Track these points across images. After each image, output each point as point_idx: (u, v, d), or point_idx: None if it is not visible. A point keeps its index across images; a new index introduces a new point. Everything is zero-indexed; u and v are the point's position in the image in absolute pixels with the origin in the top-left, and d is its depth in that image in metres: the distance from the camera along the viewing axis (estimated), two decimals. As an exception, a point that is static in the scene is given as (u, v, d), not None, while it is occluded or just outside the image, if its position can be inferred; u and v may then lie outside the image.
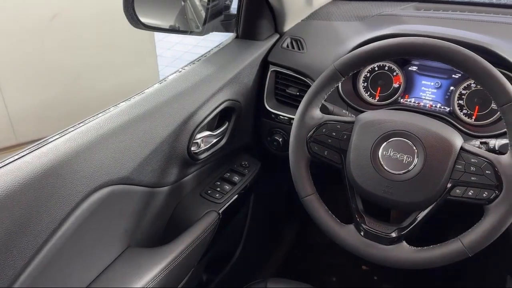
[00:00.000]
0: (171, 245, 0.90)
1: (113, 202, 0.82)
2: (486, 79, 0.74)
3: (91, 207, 0.76)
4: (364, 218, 0.84)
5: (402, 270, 1.59)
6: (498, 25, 1.06)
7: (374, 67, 1.10)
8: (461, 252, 0.75)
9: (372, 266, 1.66)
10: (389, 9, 1.20)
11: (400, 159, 0.79)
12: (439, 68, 1.05)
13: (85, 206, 0.75)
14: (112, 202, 0.81)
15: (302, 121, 0.87)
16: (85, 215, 0.75)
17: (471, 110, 1.01)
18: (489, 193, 0.74)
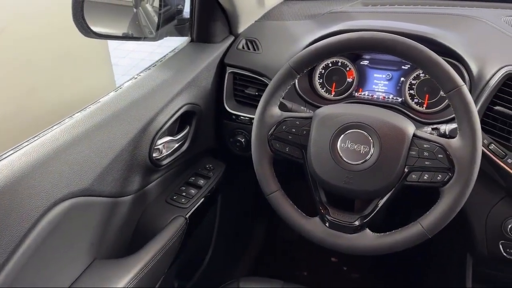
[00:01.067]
0: (138, 254, 0.89)
1: (76, 215, 0.80)
2: (432, 68, 0.78)
3: (53, 221, 0.74)
4: (328, 210, 0.86)
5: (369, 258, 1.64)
6: (442, 16, 1.11)
7: (328, 63, 1.13)
8: (422, 234, 0.78)
9: (341, 257, 1.70)
10: (338, 7, 1.24)
11: (357, 150, 0.82)
12: (389, 61, 1.09)
13: (45, 222, 0.73)
14: (74, 215, 0.79)
15: (262, 120, 0.89)
16: (46, 230, 0.73)
17: (422, 99, 1.06)
18: (442, 175, 0.78)
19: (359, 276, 1.66)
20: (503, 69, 0.89)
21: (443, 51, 0.96)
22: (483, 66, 0.94)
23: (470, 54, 0.96)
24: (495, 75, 0.90)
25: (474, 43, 0.99)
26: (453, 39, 1.00)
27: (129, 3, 1.13)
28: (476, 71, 0.94)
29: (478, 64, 0.95)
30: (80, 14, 0.96)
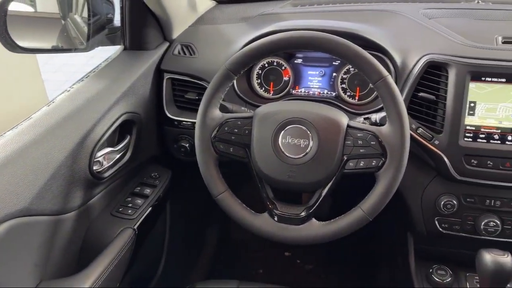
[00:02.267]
0: (87, 271, 0.86)
1: (16, 237, 0.76)
2: (358, 62, 0.83)
3: None
4: (276, 205, 0.88)
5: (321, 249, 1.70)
6: (366, 12, 1.18)
7: (264, 64, 1.17)
8: (363, 218, 0.83)
9: (294, 251, 1.75)
10: (269, 9, 1.27)
11: (298, 144, 0.85)
12: (321, 58, 1.14)
13: None
14: (14, 237, 0.75)
15: (204, 123, 0.89)
16: None
17: (353, 91, 1.12)
18: (377, 161, 0.83)
19: (312, 267, 1.72)
20: (424, 57, 0.97)
21: (368, 45, 1.02)
22: (406, 56, 1.01)
23: (393, 46, 1.03)
24: (417, 64, 0.97)
25: (397, 36, 1.06)
26: (377, 33, 1.06)
27: (57, 14, 1.10)
28: (400, 62, 1.01)
29: (401, 55, 1.02)
30: (3, 28, 0.92)
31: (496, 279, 0.85)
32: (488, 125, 0.93)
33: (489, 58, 0.92)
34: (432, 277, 1.08)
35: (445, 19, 1.08)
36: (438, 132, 0.95)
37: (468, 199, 1.00)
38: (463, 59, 0.93)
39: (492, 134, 0.93)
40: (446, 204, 1.00)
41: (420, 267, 1.12)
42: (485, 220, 0.99)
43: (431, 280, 1.08)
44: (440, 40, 1.00)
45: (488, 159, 0.93)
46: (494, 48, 0.95)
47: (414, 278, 1.10)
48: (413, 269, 1.12)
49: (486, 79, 0.92)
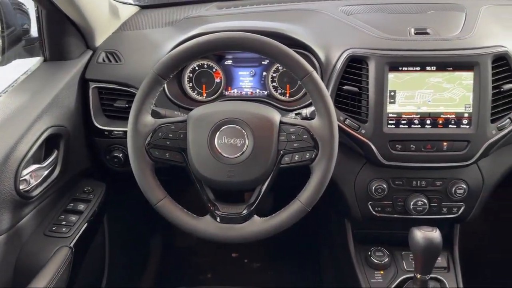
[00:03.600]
0: None
1: None
2: (284, 60, 0.86)
3: None
4: (217, 206, 0.89)
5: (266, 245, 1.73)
6: (289, 12, 1.22)
7: (194, 67, 1.16)
8: (302, 209, 0.86)
9: (241, 251, 1.76)
10: (195, 12, 1.27)
11: (234, 144, 0.86)
12: (250, 58, 1.16)
13: None
14: None
15: (136, 130, 0.87)
16: None
17: (284, 89, 1.15)
18: (310, 153, 0.86)
19: (260, 265, 1.74)
20: (345, 52, 1.02)
21: (293, 43, 1.06)
22: (329, 52, 1.06)
23: (316, 43, 1.08)
24: (339, 59, 1.02)
25: (319, 33, 1.11)
26: (301, 32, 1.10)
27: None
28: (324, 58, 1.06)
29: (324, 51, 1.06)
30: None
31: (428, 253, 0.92)
32: (408, 112, 1.00)
33: (403, 49, 0.99)
34: (370, 259, 1.14)
35: (362, 15, 1.15)
36: (363, 121, 1.01)
37: (396, 182, 1.07)
38: (380, 51, 0.99)
39: (412, 119, 1.00)
40: (377, 188, 1.06)
41: (359, 251, 1.18)
42: (413, 200, 1.06)
43: (370, 262, 1.14)
44: (359, 35, 1.06)
45: (411, 143, 1.00)
46: (408, 39, 1.02)
47: (354, 261, 1.16)
48: (352, 253, 1.17)
49: (403, 68, 0.99)
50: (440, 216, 1.08)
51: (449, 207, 1.07)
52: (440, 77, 0.99)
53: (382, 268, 1.13)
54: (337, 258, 1.34)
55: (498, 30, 1.06)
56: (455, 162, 1.00)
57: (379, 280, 1.12)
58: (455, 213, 1.08)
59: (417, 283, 0.97)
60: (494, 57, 0.97)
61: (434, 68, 0.98)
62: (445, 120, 0.99)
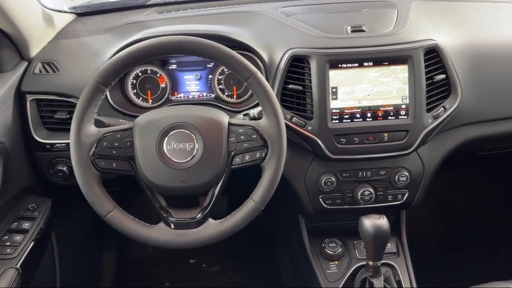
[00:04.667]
0: None
1: None
2: (228, 62, 0.87)
3: None
4: (170, 212, 0.88)
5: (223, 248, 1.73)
6: (230, 14, 1.23)
7: (137, 73, 1.14)
8: (255, 208, 0.87)
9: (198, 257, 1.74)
10: (134, 17, 1.25)
11: (183, 148, 0.86)
12: (194, 62, 1.16)
13: None
14: None
15: (79, 141, 0.84)
16: None
17: (231, 91, 1.16)
18: (260, 153, 0.87)
19: (219, 268, 1.73)
20: (287, 52, 1.04)
21: (236, 45, 1.07)
22: (272, 53, 1.08)
23: (259, 44, 1.09)
24: (282, 59, 1.05)
25: (261, 34, 1.13)
26: (243, 34, 1.12)
27: None
28: (267, 58, 1.08)
29: (267, 52, 1.08)
30: None
31: (377, 240, 0.96)
32: (350, 106, 1.04)
33: (341, 46, 1.03)
34: (325, 250, 1.18)
35: (301, 15, 1.18)
36: (309, 118, 1.04)
37: (344, 174, 1.11)
38: (320, 50, 1.03)
39: (354, 113, 1.05)
40: (327, 182, 1.10)
41: (313, 244, 1.21)
42: (361, 190, 1.10)
43: (324, 254, 1.18)
44: (299, 35, 1.09)
45: (354, 136, 1.04)
46: (345, 37, 1.07)
47: (309, 254, 1.18)
48: (307, 247, 1.20)
49: (342, 65, 1.03)
50: (387, 203, 1.13)
51: (394, 195, 1.13)
52: (377, 71, 1.04)
53: (336, 258, 1.17)
54: (293, 252, 1.37)
55: (428, 25, 1.13)
56: (396, 151, 1.06)
57: (334, 270, 1.15)
58: (400, 199, 1.13)
59: (370, 270, 1.01)
60: (425, 50, 1.03)
61: (371, 63, 1.03)
62: (384, 112, 1.05)
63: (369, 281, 1.02)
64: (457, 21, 1.19)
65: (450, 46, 1.08)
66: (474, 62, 1.11)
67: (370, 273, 1.01)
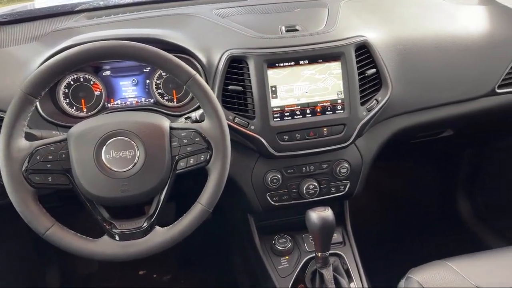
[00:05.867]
0: None
1: None
2: (166, 65, 0.86)
3: None
4: (114, 224, 0.85)
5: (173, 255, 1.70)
6: (164, 17, 1.21)
7: (69, 81, 1.09)
8: (203, 211, 0.86)
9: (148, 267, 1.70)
10: (62, 24, 1.19)
11: (124, 157, 0.83)
12: (130, 67, 1.13)
13: None
14: None
15: (10, 157, 0.79)
16: None
17: (170, 95, 1.14)
18: (205, 155, 0.87)
19: (170, 276, 1.70)
20: (225, 54, 1.05)
21: (173, 48, 1.05)
22: (209, 55, 1.08)
23: (196, 46, 1.09)
24: (220, 60, 1.05)
25: (197, 37, 1.12)
26: (179, 36, 1.10)
27: None
28: (206, 60, 1.07)
29: (205, 54, 1.08)
30: None
31: (324, 231, 0.99)
32: (289, 104, 1.07)
33: (277, 46, 1.06)
34: (275, 247, 1.20)
35: (236, 16, 1.19)
36: (251, 118, 1.05)
37: (289, 171, 1.13)
38: (257, 50, 1.04)
39: (294, 111, 1.07)
40: (272, 179, 1.11)
41: (264, 242, 1.22)
42: (305, 185, 1.13)
43: (275, 250, 1.20)
44: (236, 36, 1.10)
45: (296, 132, 1.07)
46: (280, 37, 1.09)
47: (260, 252, 1.20)
48: (258, 245, 1.21)
49: (280, 64, 1.05)
50: (330, 195, 1.17)
51: (336, 186, 1.17)
52: (313, 69, 1.07)
53: (286, 253, 1.19)
54: (244, 252, 1.37)
55: (357, 22, 1.18)
56: (336, 144, 1.10)
57: (286, 265, 1.18)
58: (342, 191, 1.18)
59: (319, 261, 1.04)
60: (356, 46, 1.08)
61: (306, 61, 1.06)
62: (322, 108, 1.08)
63: (319, 272, 1.05)
64: (384, 18, 1.26)
65: (378, 41, 1.14)
66: (401, 56, 1.18)
67: (319, 264, 1.05)
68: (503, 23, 1.34)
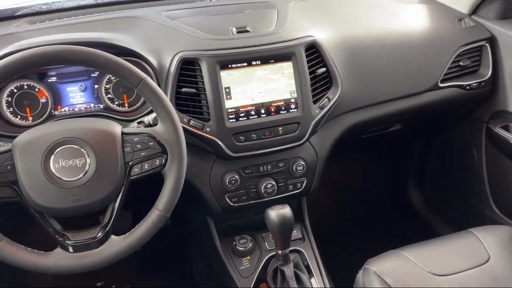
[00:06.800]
0: None
1: None
2: (115, 69, 0.84)
3: None
4: (67, 235, 0.82)
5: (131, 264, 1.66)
6: (112, 20, 1.18)
7: (12, 89, 1.03)
8: (161, 216, 0.85)
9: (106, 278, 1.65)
10: (2, 30, 1.13)
11: (74, 165, 0.81)
12: (76, 72, 1.09)
13: None
14: None
15: None
16: None
17: (121, 99, 1.11)
18: (160, 159, 0.86)
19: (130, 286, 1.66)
20: (176, 56, 1.04)
21: (122, 52, 1.03)
22: (160, 57, 1.06)
23: (146, 49, 1.07)
24: (172, 63, 1.04)
25: (147, 40, 1.10)
26: (128, 40, 1.08)
27: None
28: (156, 63, 1.06)
29: (156, 56, 1.06)
30: None
31: (283, 229, 1.01)
32: (244, 105, 1.07)
33: (229, 47, 1.06)
34: (236, 247, 1.20)
35: (186, 18, 1.18)
36: (207, 120, 1.04)
37: (246, 171, 1.14)
38: (209, 51, 1.04)
39: (249, 111, 1.08)
40: (231, 180, 1.11)
41: (225, 243, 1.22)
42: (263, 184, 1.14)
43: (236, 251, 1.20)
44: (186, 38, 1.09)
45: (252, 132, 1.08)
46: (232, 38, 1.09)
47: (221, 254, 1.20)
48: (219, 247, 1.21)
49: (232, 65, 1.06)
50: (288, 193, 1.19)
51: (294, 184, 1.19)
52: (265, 69, 1.08)
53: (248, 253, 1.20)
54: (206, 254, 1.36)
55: (306, 23, 1.21)
56: (291, 143, 1.11)
57: (247, 265, 1.18)
58: (299, 188, 1.20)
59: (280, 259, 1.05)
60: (306, 46, 1.10)
61: (258, 62, 1.07)
62: (277, 107, 1.10)
63: (280, 270, 1.07)
64: (331, 18, 1.30)
65: (327, 41, 1.17)
66: (349, 54, 1.21)
67: (280, 261, 1.06)
68: (442, 21, 1.42)
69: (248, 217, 1.27)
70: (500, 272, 1.00)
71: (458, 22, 1.41)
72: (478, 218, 1.60)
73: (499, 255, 1.03)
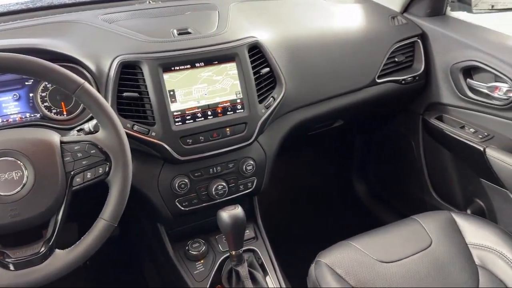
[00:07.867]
0: None
1: None
2: (50, 76, 0.80)
3: None
4: (7, 253, 0.78)
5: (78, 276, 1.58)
6: (46, 25, 1.12)
7: None
8: (108, 226, 0.82)
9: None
10: None
11: (10, 179, 0.76)
12: (8, 81, 1.02)
13: None
14: None
15: None
16: None
17: (59, 107, 1.05)
18: (103, 167, 0.83)
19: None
20: (115, 60, 1.00)
21: (57, 57, 0.98)
22: (99, 62, 1.02)
23: (83, 54, 1.02)
24: (111, 67, 1.00)
25: (83, 44, 1.06)
26: (63, 45, 1.03)
27: None
28: (95, 68, 1.02)
29: (93, 61, 1.02)
30: None
31: (236, 229, 1.01)
32: (190, 107, 1.06)
33: (171, 49, 1.04)
34: (189, 252, 1.18)
35: (124, 21, 1.15)
36: (151, 124, 1.02)
37: (196, 174, 1.12)
38: (150, 54, 1.02)
39: (195, 113, 1.07)
40: (180, 184, 1.10)
41: (177, 249, 1.20)
42: (214, 186, 1.14)
43: (189, 255, 1.18)
44: (125, 41, 1.06)
45: (199, 135, 1.07)
46: (173, 40, 1.08)
47: (174, 260, 1.17)
48: (171, 253, 1.19)
49: (175, 68, 1.04)
50: (239, 193, 1.19)
51: (244, 184, 1.19)
52: (209, 71, 1.08)
53: (201, 257, 1.19)
54: (158, 262, 1.33)
55: (248, 24, 1.22)
56: (240, 143, 1.12)
57: (201, 269, 1.17)
58: (250, 187, 1.20)
59: (234, 259, 1.05)
60: (248, 47, 1.11)
61: (202, 63, 1.07)
62: (223, 108, 1.09)
63: (235, 270, 1.07)
64: (272, 19, 1.32)
65: (269, 41, 1.19)
66: (291, 54, 1.24)
67: (234, 262, 1.06)
68: (377, 19, 1.49)
69: (200, 220, 1.25)
70: (442, 254, 1.07)
71: (392, 20, 1.49)
72: (419, 205, 1.69)
73: (440, 239, 1.10)
